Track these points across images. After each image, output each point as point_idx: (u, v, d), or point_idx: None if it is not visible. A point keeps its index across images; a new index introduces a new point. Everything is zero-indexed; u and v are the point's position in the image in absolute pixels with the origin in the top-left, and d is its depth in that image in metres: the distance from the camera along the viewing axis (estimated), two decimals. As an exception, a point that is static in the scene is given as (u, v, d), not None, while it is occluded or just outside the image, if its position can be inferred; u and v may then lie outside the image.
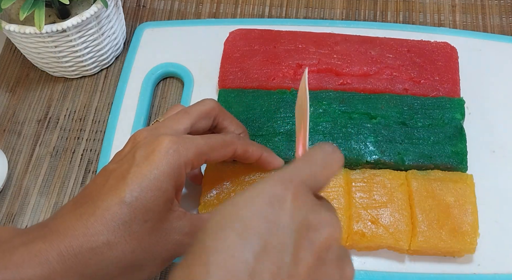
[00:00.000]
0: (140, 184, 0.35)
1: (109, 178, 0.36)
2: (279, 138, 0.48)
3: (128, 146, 0.39)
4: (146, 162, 0.35)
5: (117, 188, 0.35)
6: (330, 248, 0.28)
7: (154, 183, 0.35)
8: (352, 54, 0.53)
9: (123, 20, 0.58)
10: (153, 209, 0.35)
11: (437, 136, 0.47)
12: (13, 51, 0.61)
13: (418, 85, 0.51)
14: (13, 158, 0.53)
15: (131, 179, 0.35)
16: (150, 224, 0.35)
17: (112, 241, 0.34)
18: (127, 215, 0.34)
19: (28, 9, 0.47)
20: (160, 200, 0.35)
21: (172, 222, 0.37)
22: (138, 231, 0.35)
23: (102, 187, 0.35)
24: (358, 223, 0.43)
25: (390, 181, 0.45)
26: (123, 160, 0.37)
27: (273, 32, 0.55)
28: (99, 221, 0.34)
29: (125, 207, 0.34)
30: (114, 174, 0.36)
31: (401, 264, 0.44)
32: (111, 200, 0.34)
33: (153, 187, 0.35)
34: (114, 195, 0.34)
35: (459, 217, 0.43)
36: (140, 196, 0.34)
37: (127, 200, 0.34)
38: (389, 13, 0.61)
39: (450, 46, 0.53)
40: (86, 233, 0.33)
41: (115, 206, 0.34)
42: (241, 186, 0.45)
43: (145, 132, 0.39)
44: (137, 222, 0.34)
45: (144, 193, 0.35)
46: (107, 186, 0.35)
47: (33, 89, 0.58)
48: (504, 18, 0.59)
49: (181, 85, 0.57)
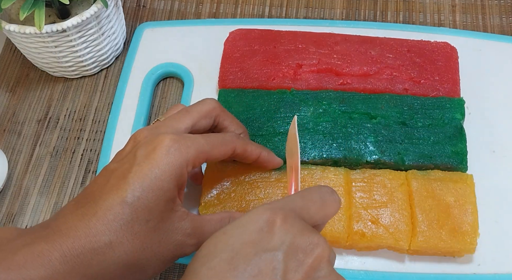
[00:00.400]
0: (142, 183, 0.35)
1: (111, 177, 0.36)
2: (279, 138, 0.48)
3: (129, 145, 0.39)
4: (147, 161, 0.35)
5: (118, 187, 0.35)
6: (319, 268, 0.29)
7: (155, 182, 0.35)
8: (352, 54, 0.53)
9: (123, 20, 0.58)
10: (155, 208, 0.35)
11: (437, 136, 0.47)
12: (13, 51, 0.61)
13: (418, 85, 0.51)
14: (13, 158, 0.53)
15: (133, 179, 0.35)
16: (152, 224, 0.35)
17: (114, 241, 0.34)
18: (129, 215, 0.34)
19: (28, 9, 0.47)
20: (162, 199, 0.35)
21: (174, 222, 0.37)
22: (140, 231, 0.35)
23: (104, 187, 0.35)
24: (358, 223, 0.43)
25: (390, 181, 0.45)
26: (124, 159, 0.37)
27: (273, 32, 0.55)
28: (101, 221, 0.34)
29: (127, 207, 0.34)
30: (115, 173, 0.36)
31: (401, 264, 0.44)
32: (112, 200, 0.34)
33: (155, 187, 0.35)
34: (115, 195, 0.34)
35: (459, 217, 0.43)
36: (142, 195, 0.34)
37: (129, 200, 0.34)
38: (389, 13, 0.61)
39: (450, 46, 0.53)
40: (88, 233, 0.33)
41: (117, 206, 0.34)
42: (241, 186, 0.45)
43: (146, 131, 0.39)
44: (139, 222, 0.34)
45: (145, 193, 0.35)
46: (108, 186, 0.35)
47: (33, 89, 0.58)
48: (504, 18, 0.59)
49: (181, 85, 0.57)
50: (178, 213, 0.37)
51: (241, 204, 0.44)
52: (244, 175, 0.46)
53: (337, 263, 0.44)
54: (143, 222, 0.35)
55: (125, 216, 0.34)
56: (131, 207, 0.34)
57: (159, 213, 0.35)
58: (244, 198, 0.45)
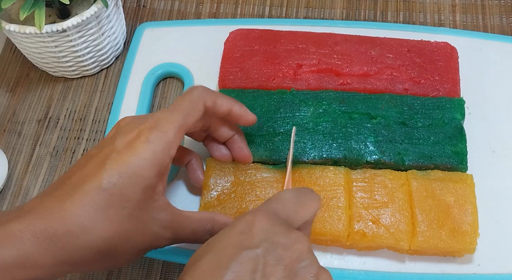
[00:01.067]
0: (119, 170, 0.34)
1: (89, 162, 0.36)
2: (279, 138, 0.48)
3: (112, 132, 0.39)
4: (126, 148, 0.35)
5: (96, 173, 0.35)
6: (301, 259, 0.31)
7: (134, 169, 0.35)
8: (352, 54, 0.53)
9: (123, 20, 0.58)
10: (131, 196, 0.35)
11: (437, 137, 0.47)
12: (13, 51, 0.61)
13: (418, 85, 0.51)
14: (13, 157, 0.53)
15: (110, 165, 0.35)
16: (128, 211, 0.35)
17: (87, 226, 0.34)
18: (104, 201, 0.34)
19: (28, 9, 0.47)
20: (140, 186, 0.35)
21: (152, 212, 0.37)
22: (115, 217, 0.34)
23: (82, 172, 0.35)
24: (359, 223, 0.43)
25: (391, 181, 0.45)
26: (104, 145, 0.37)
27: (273, 32, 0.55)
28: (76, 204, 0.34)
29: (102, 192, 0.34)
30: (94, 158, 0.36)
31: (401, 264, 0.44)
32: (89, 185, 0.34)
33: (133, 174, 0.35)
34: (92, 180, 0.34)
35: (459, 217, 0.43)
36: (119, 182, 0.34)
37: (105, 186, 0.34)
38: (389, 13, 0.61)
39: (450, 46, 0.53)
40: (62, 216, 0.33)
41: (93, 191, 0.34)
42: (242, 187, 0.45)
43: (130, 118, 0.39)
44: (115, 208, 0.34)
45: (122, 179, 0.34)
46: (86, 171, 0.35)
47: (33, 89, 0.58)
48: (504, 18, 0.59)
49: (181, 85, 0.57)
50: (157, 202, 0.37)
51: (241, 204, 0.45)
52: (244, 175, 0.46)
53: (337, 263, 0.45)
54: (118, 209, 0.34)
55: (100, 201, 0.34)
56: (107, 192, 0.34)
57: (136, 201, 0.35)
58: (244, 199, 0.45)
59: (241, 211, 0.44)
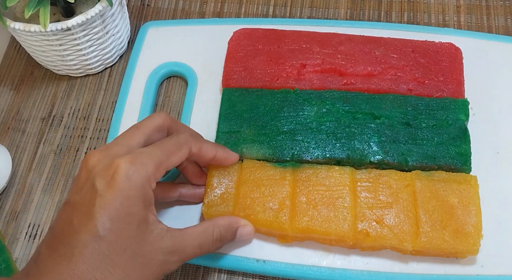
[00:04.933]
0: (109, 214, 0.34)
1: (75, 213, 0.35)
2: (282, 137, 0.48)
3: (83, 172, 0.37)
4: (108, 190, 0.35)
5: (87, 223, 0.34)
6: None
7: (122, 210, 0.35)
8: (356, 54, 0.53)
9: (127, 19, 0.59)
10: (128, 235, 0.35)
11: (441, 137, 0.47)
12: (17, 49, 0.61)
13: (423, 86, 0.51)
14: (17, 155, 0.53)
15: (99, 212, 0.34)
16: (130, 251, 0.35)
17: (98, 278, 0.33)
18: (105, 248, 0.34)
19: (33, 8, 0.47)
20: (133, 224, 0.35)
21: (153, 243, 0.36)
22: (120, 261, 0.34)
23: (71, 224, 0.35)
24: (363, 223, 0.43)
25: (395, 182, 0.45)
26: (83, 190, 0.36)
27: (277, 31, 0.55)
28: (80, 260, 0.33)
29: (101, 240, 0.34)
30: (80, 208, 0.35)
31: (404, 264, 0.44)
32: (85, 237, 0.34)
33: (122, 214, 0.35)
34: (86, 232, 0.34)
35: (463, 218, 0.43)
36: (112, 226, 0.34)
37: (101, 234, 0.34)
38: (394, 13, 0.61)
39: (455, 47, 0.53)
40: (72, 275, 0.33)
41: (91, 242, 0.34)
42: (245, 185, 0.45)
43: (98, 154, 0.37)
44: (116, 253, 0.34)
45: (115, 223, 0.34)
46: (76, 223, 0.35)
47: (38, 88, 0.58)
48: (509, 19, 0.59)
49: (185, 84, 0.57)
50: (154, 232, 0.37)
51: (245, 201, 0.44)
52: (248, 173, 0.46)
53: (340, 263, 0.45)
54: (120, 252, 0.34)
55: (102, 250, 0.34)
56: (105, 239, 0.34)
57: (134, 238, 0.35)
58: (249, 196, 0.45)
59: (244, 209, 0.44)
